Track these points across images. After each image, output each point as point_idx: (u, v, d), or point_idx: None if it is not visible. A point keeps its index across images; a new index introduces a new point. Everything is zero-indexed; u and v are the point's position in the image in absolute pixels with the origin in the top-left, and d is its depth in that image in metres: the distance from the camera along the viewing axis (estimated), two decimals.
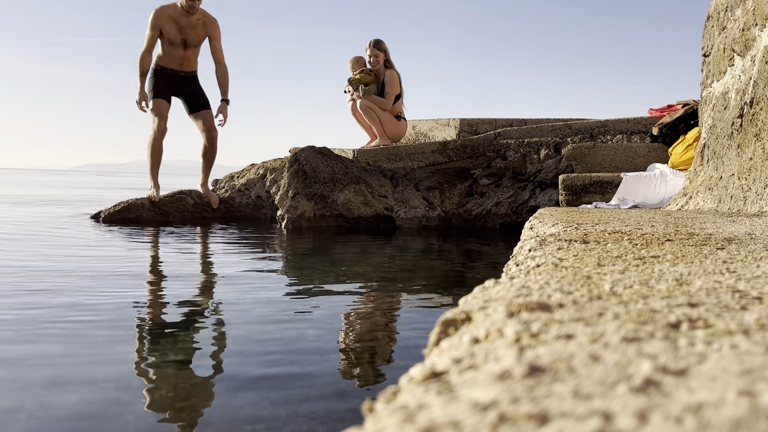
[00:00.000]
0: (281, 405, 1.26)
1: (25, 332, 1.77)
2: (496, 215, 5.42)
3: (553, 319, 0.55)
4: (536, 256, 1.02)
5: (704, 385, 0.37)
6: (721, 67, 3.17)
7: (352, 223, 5.22)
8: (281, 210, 5.23)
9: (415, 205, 5.31)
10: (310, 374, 1.46)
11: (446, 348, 0.54)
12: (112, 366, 1.49)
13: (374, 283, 2.78)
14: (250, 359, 1.58)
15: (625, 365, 0.42)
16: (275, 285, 2.68)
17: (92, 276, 2.71)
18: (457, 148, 5.68)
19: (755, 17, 2.65)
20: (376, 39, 5.95)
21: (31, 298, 2.23)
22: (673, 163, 4.27)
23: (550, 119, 6.95)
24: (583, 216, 2.18)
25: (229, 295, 2.41)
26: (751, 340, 0.48)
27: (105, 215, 5.51)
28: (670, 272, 0.84)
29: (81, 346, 1.65)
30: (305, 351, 1.67)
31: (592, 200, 4.26)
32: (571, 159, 5.23)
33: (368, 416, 0.38)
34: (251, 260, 3.45)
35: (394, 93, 5.90)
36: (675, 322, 0.55)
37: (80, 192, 12.42)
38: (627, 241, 1.24)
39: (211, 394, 1.33)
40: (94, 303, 2.16)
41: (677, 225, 1.75)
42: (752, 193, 2.49)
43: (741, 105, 2.73)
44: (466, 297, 0.68)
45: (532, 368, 0.42)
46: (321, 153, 5.30)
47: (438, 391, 0.39)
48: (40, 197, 9.50)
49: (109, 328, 1.84)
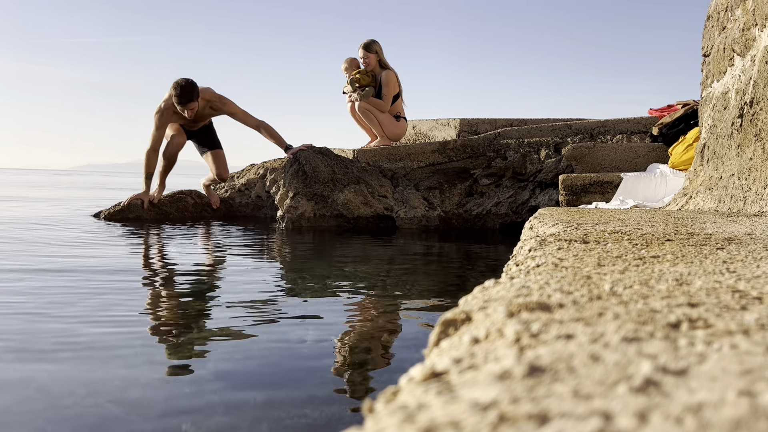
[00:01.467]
0: (281, 405, 1.26)
1: (25, 333, 1.77)
2: (496, 215, 5.42)
3: (553, 319, 0.55)
4: (536, 256, 1.02)
5: (704, 385, 0.37)
6: (721, 67, 3.17)
7: (352, 223, 5.22)
8: (281, 210, 5.23)
9: (415, 205, 5.31)
10: (310, 374, 1.46)
11: (446, 348, 0.54)
12: (111, 366, 1.49)
13: (374, 283, 2.78)
14: (249, 359, 1.58)
15: (625, 365, 0.42)
16: (275, 285, 2.68)
17: (91, 275, 2.71)
18: (457, 148, 5.68)
19: (755, 17, 2.65)
20: (366, 42, 5.91)
21: (30, 297, 2.23)
22: (673, 163, 4.27)
23: (550, 119, 6.95)
24: (583, 216, 2.18)
25: (229, 295, 2.41)
26: (751, 340, 0.48)
27: (105, 215, 5.51)
28: (670, 272, 0.84)
29: (80, 346, 1.65)
30: (305, 351, 1.67)
31: (592, 200, 4.26)
32: (571, 159, 5.23)
33: (368, 416, 0.38)
34: (251, 260, 3.45)
35: (392, 94, 5.90)
36: (675, 322, 0.55)
37: (80, 192, 12.42)
38: (627, 241, 1.24)
39: (211, 395, 1.33)
40: (94, 302, 2.16)
41: (677, 225, 1.75)
42: (752, 193, 2.49)
43: (741, 105, 2.73)
44: (466, 297, 0.68)
45: (532, 368, 0.42)
46: (321, 153, 5.30)
47: (438, 391, 0.39)
48: (40, 197, 9.50)
49: (108, 327, 1.84)
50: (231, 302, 2.28)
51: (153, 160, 5.41)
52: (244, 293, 2.46)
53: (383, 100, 5.87)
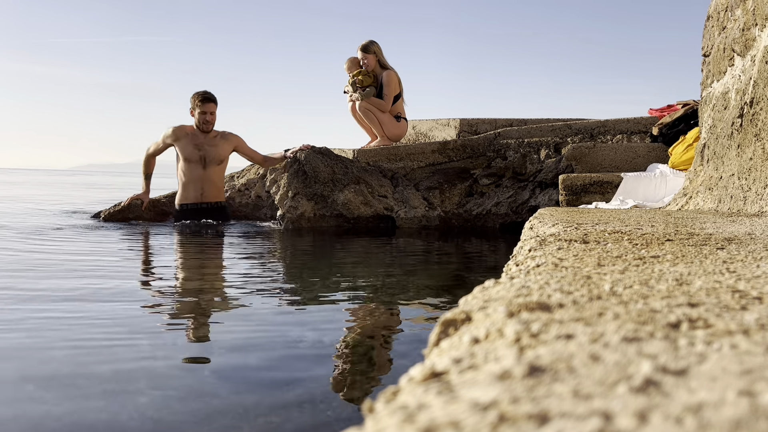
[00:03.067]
0: (281, 405, 1.26)
1: (24, 332, 1.77)
2: (496, 215, 5.42)
3: (553, 319, 0.55)
4: (536, 256, 1.02)
5: (704, 385, 0.37)
6: (721, 67, 3.17)
7: (352, 223, 5.22)
8: (281, 210, 5.23)
9: (415, 205, 5.31)
10: (310, 374, 1.46)
11: (446, 348, 0.54)
12: (110, 366, 1.49)
13: (374, 282, 2.78)
14: (249, 359, 1.58)
15: (625, 365, 0.42)
16: (275, 285, 2.68)
17: (90, 275, 2.71)
18: (457, 148, 5.68)
19: (755, 17, 2.65)
20: (364, 43, 5.90)
21: (29, 297, 2.23)
22: (673, 163, 4.27)
23: (550, 119, 6.95)
24: (583, 216, 2.18)
25: (228, 296, 2.41)
26: (751, 340, 0.48)
27: (105, 215, 5.51)
28: (670, 272, 0.84)
29: (79, 346, 1.65)
30: (305, 351, 1.67)
31: (592, 200, 4.26)
32: (571, 159, 5.23)
33: (368, 416, 0.38)
34: (250, 260, 3.45)
35: (392, 94, 5.90)
36: (675, 322, 0.55)
37: (80, 192, 12.42)
38: (627, 241, 1.24)
39: (211, 395, 1.33)
40: (93, 302, 2.16)
41: (677, 225, 1.75)
42: (752, 193, 2.49)
43: (741, 105, 2.73)
44: (466, 297, 0.68)
45: (532, 368, 0.42)
46: (321, 153, 5.30)
47: (438, 391, 0.39)
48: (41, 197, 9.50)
49: (108, 327, 1.84)
50: (230, 302, 2.28)
51: (152, 163, 5.52)
52: (244, 293, 2.46)
53: (384, 100, 5.88)
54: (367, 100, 5.87)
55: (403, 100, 6.07)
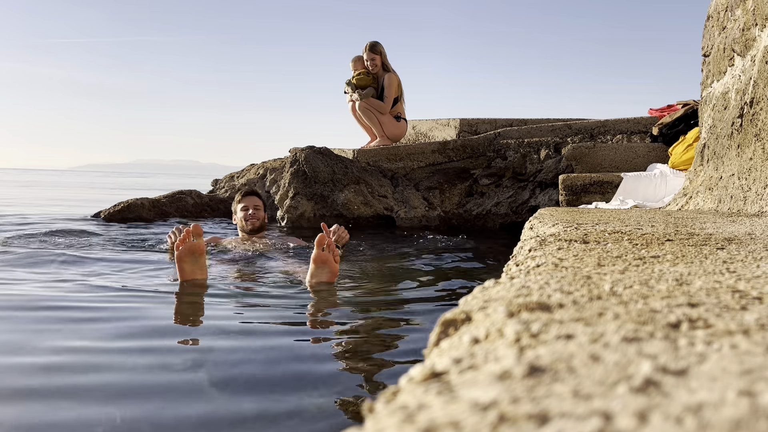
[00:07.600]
0: (281, 405, 1.26)
1: (22, 332, 1.77)
2: (496, 215, 5.42)
3: (553, 319, 0.55)
4: (536, 256, 1.02)
5: (704, 385, 0.37)
6: (721, 67, 3.17)
7: (352, 223, 5.22)
8: (281, 210, 5.23)
9: (415, 205, 5.31)
10: (310, 374, 1.46)
11: (446, 348, 0.54)
12: (110, 366, 1.49)
13: (374, 282, 2.78)
14: (249, 359, 1.58)
15: (625, 365, 0.42)
16: (274, 285, 2.68)
17: (90, 275, 2.71)
18: (457, 148, 5.68)
19: (755, 17, 2.65)
20: (372, 42, 5.93)
21: (28, 297, 2.23)
22: (673, 163, 4.27)
23: (550, 119, 6.95)
24: (583, 216, 2.18)
25: (228, 296, 2.41)
26: (751, 340, 0.48)
27: (105, 214, 5.51)
28: (670, 272, 0.84)
29: (78, 346, 1.65)
30: (305, 351, 1.67)
31: (592, 200, 4.25)
32: (571, 159, 5.23)
33: (368, 416, 0.38)
34: (250, 260, 3.45)
35: (393, 96, 5.91)
36: (675, 322, 0.55)
37: (80, 192, 12.41)
38: (627, 241, 1.23)
39: (210, 395, 1.33)
40: (92, 302, 2.16)
41: (677, 225, 1.75)
42: (752, 193, 2.49)
43: (741, 105, 2.73)
44: (466, 297, 0.68)
45: (532, 368, 0.42)
46: (321, 153, 5.30)
47: (438, 391, 0.39)
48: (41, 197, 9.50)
49: (107, 327, 1.84)
50: (229, 303, 2.28)
51: None
52: (243, 293, 2.46)
53: (384, 101, 5.89)
54: (367, 101, 5.88)
55: (403, 102, 6.08)
